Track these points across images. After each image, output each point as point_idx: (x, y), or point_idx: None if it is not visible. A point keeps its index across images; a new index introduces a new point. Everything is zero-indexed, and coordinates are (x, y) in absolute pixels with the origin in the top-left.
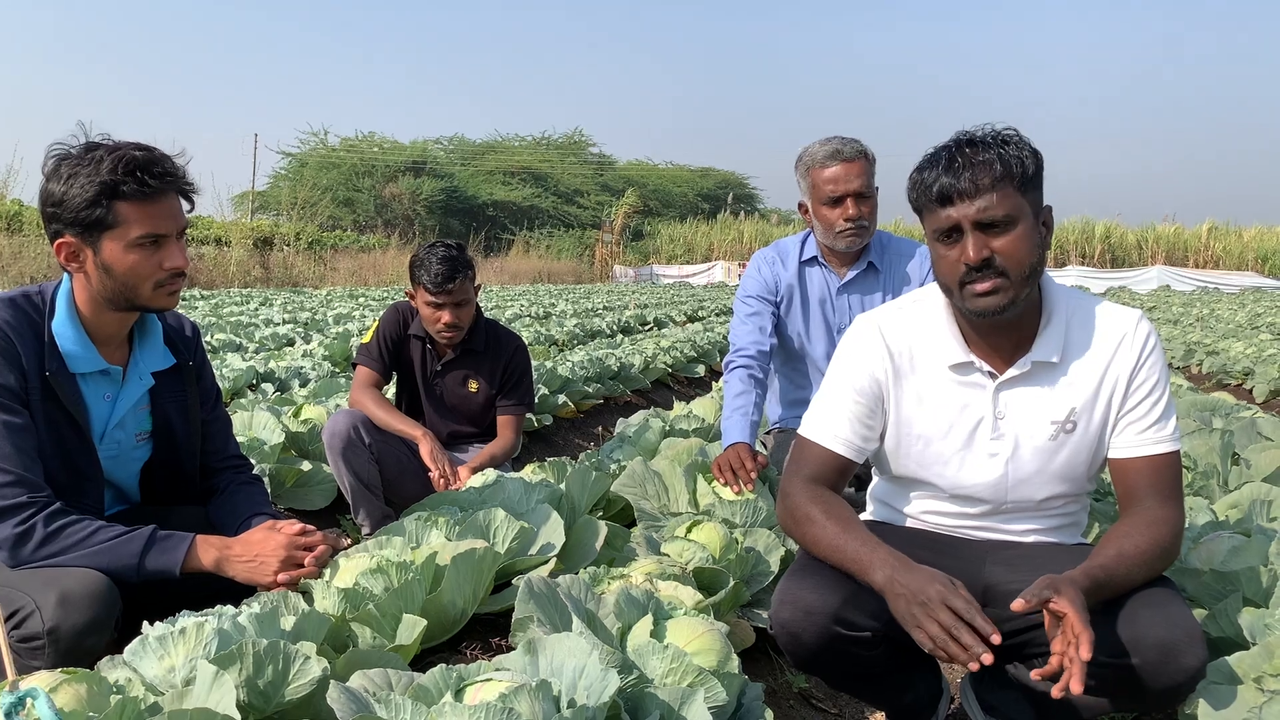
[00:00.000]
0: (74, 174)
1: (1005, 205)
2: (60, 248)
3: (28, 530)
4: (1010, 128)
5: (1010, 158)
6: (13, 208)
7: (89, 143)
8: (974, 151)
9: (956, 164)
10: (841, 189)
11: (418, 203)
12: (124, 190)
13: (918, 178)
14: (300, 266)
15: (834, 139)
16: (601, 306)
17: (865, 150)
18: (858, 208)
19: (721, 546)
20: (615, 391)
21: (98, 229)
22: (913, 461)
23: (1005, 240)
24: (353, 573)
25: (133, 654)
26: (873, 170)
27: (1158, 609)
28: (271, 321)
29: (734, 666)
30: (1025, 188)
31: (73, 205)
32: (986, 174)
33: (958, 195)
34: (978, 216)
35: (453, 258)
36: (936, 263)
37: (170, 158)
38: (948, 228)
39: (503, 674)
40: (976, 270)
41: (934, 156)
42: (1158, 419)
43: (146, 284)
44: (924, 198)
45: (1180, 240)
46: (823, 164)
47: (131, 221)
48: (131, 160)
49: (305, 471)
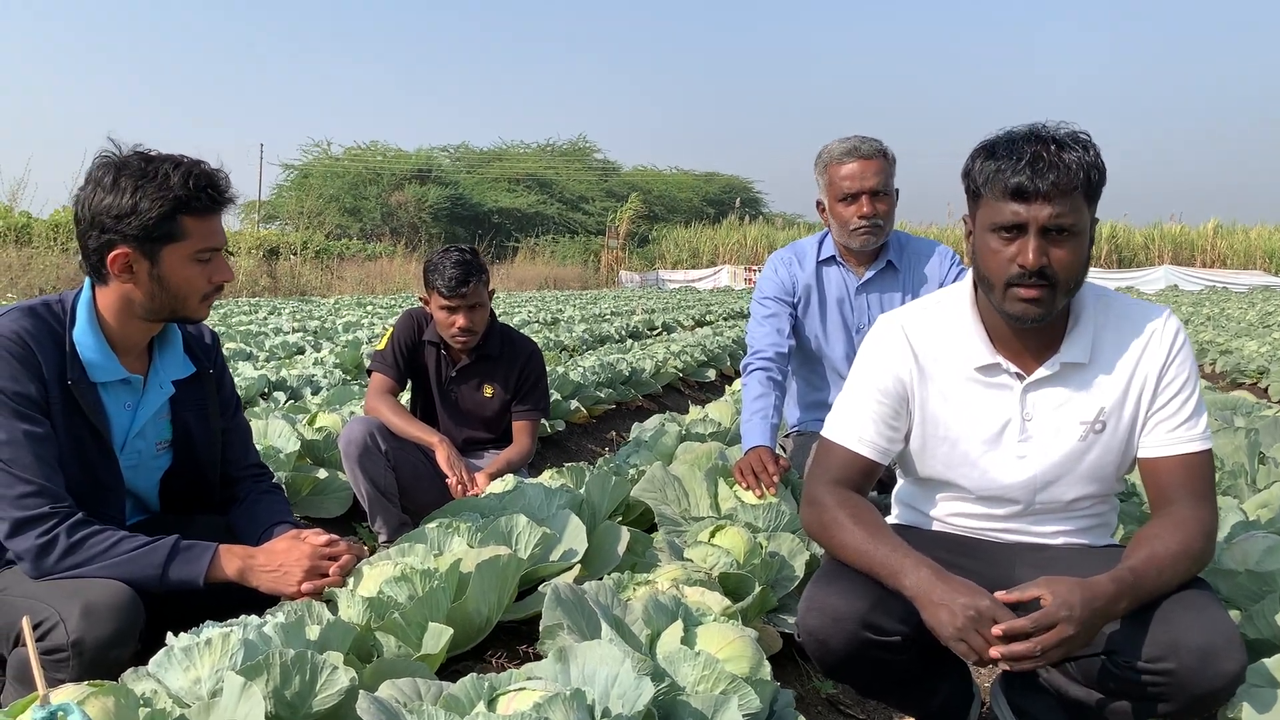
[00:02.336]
0: (140, 187)
1: (1075, 215)
2: (115, 259)
3: (50, 541)
4: (1084, 131)
5: (1090, 165)
6: (21, 220)
7: (144, 154)
8: (1059, 151)
9: (1041, 163)
10: (857, 185)
11: (423, 210)
12: (194, 205)
13: (990, 166)
14: (307, 275)
15: (854, 137)
16: (609, 312)
17: (884, 149)
18: (873, 205)
19: (746, 551)
20: (627, 396)
21: (162, 242)
22: (939, 463)
23: (1065, 250)
24: (376, 581)
25: (158, 665)
26: (891, 170)
27: (1195, 612)
28: (281, 330)
29: (766, 673)
30: (1091, 198)
31: (142, 218)
32: (1068, 179)
33: (1036, 195)
34: (1048, 221)
35: (466, 261)
36: (986, 256)
37: (225, 173)
38: (1013, 224)
39: (535, 683)
40: (1030, 275)
41: (1011, 146)
42: (1188, 417)
43: (196, 296)
44: (993, 187)
45: (1186, 239)
46: (840, 160)
47: (194, 235)
48: (202, 176)
49: (321, 479)
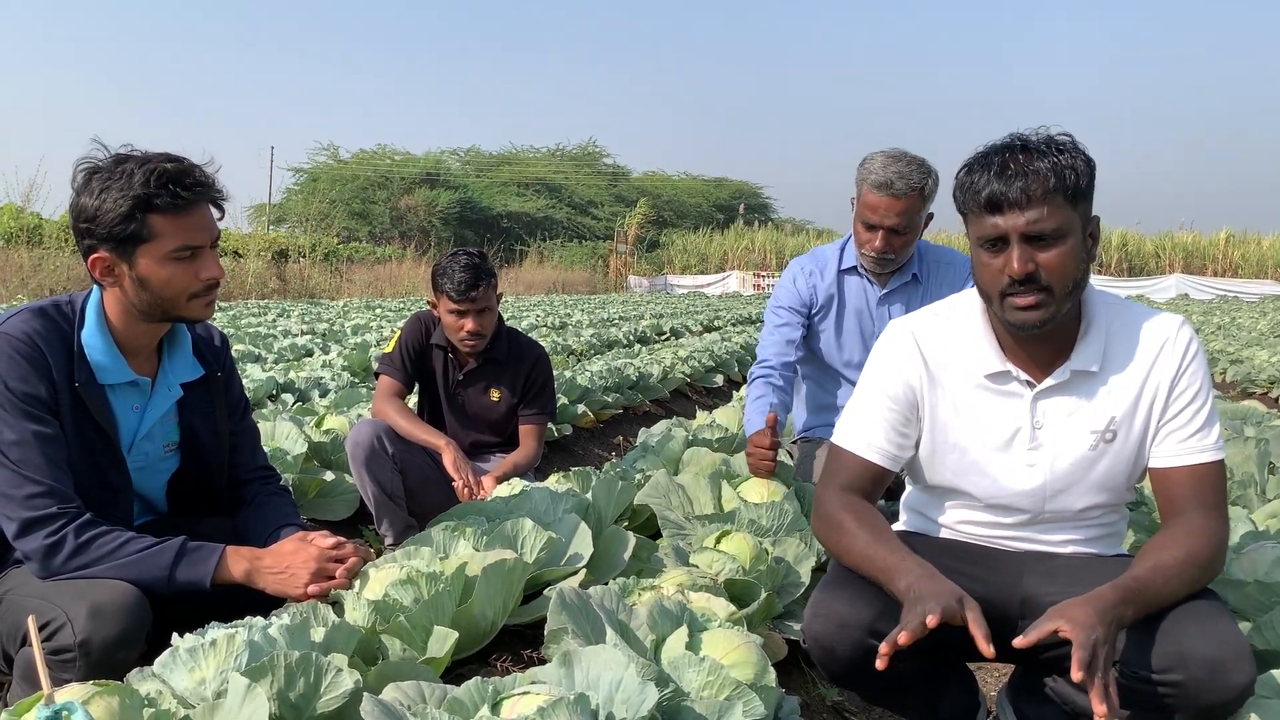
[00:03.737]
0: (106, 188)
1: (1055, 218)
2: (95, 263)
3: (59, 541)
4: (1065, 133)
5: (1064, 168)
6: (33, 220)
7: (118, 155)
8: (1028, 159)
9: (1009, 171)
10: (878, 220)
11: (433, 214)
12: (157, 203)
13: (966, 180)
14: (316, 278)
15: (899, 160)
16: (617, 316)
17: (921, 186)
18: (887, 242)
19: (751, 557)
20: (634, 401)
21: (132, 243)
22: (948, 470)
23: (1052, 254)
24: (382, 584)
25: (163, 666)
26: (923, 205)
27: (1204, 624)
28: (290, 332)
29: (771, 679)
30: (1076, 200)
31: (106, 220)
32: (1039, 184)
33: (1007, 204)
34: (1026, 229)
35: (475, 265)
36: (979, 269)
37: (200, 167)
38: (994, 236)
39: (539, 687)
40: (1020, 284)
41: (984, 159)
42: (1200, 427)
43: (183, 296)
44: (971, 202)
45: (1198, 248)
46: (873, 188)
47: (166, 234)
48: (163, 172)
49: (328, 482)
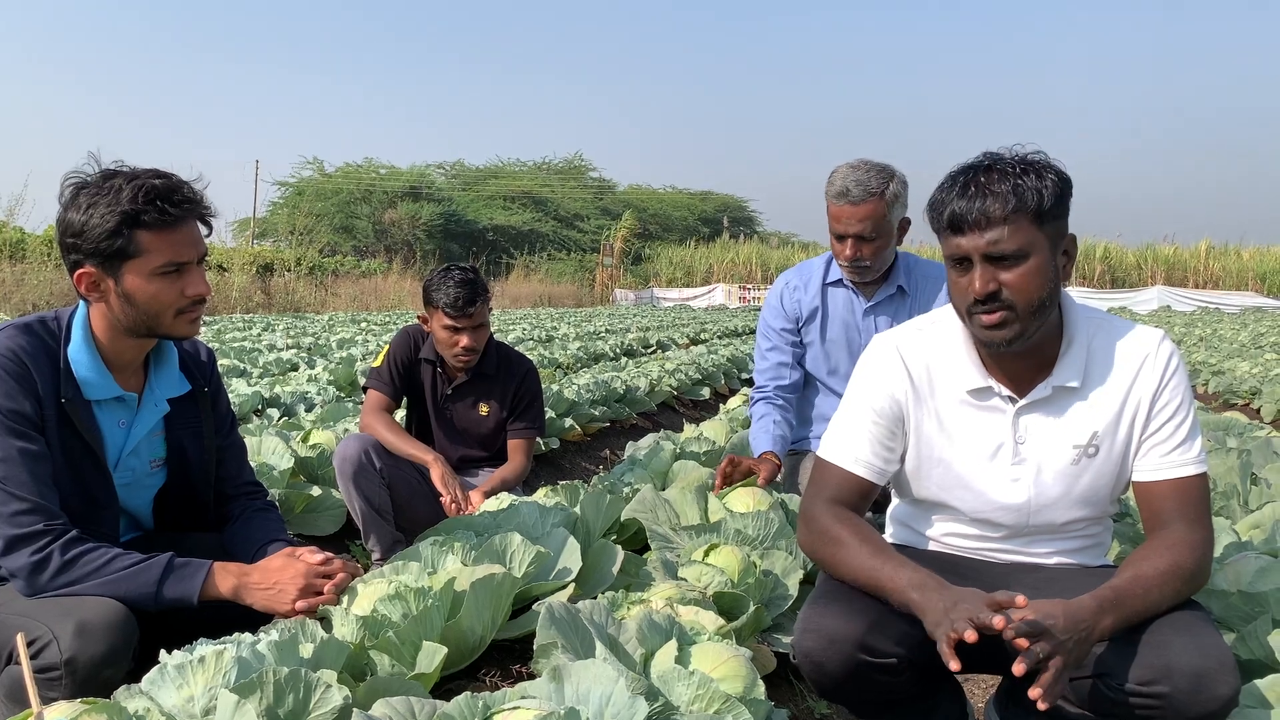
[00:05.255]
0: (93, 204)
1: (1017, 239)
2: (80, 278)
3: (44, 559)
4: (1039, 151)
5: (1028, 189)
6: (15, 235)
7: (106, 171)
8: (989, 180)
9: (970, 192)
10: (842, 228)
11: (417, 227)
12: (145, 219)
13: (935, 199)
14: (302, 292)
15: (858, 169)
16: (604, 329)
17: (880, 189)
18: (857, 249)
19: (740, 570)
20: (621, 414)
21: (119, 259)
22: (934, 484)
23: (1014, 274)
24: (370, 599)
25: (151, 683)
26: (888, 208)
27: (1188, 636)
28: (275, 347)
29: (760, 693)
30: (1043, 219)
31: (93, 235)
32: (999, 206)
33: (968, 225)
34: (986, 249)
35: (471, 281)
36: (950, 286)
37: (188, 184)
38: (958, 256)
39: (529, 702)
40: (983, 302)
41: (952, 179)
42: (1182, 441)
43: (169, 312)
44: (937, 222)
45: (1179, 260)
46: (833, 198)
47: (153, 250)
48: (151, 189)
49: (315, 496)
